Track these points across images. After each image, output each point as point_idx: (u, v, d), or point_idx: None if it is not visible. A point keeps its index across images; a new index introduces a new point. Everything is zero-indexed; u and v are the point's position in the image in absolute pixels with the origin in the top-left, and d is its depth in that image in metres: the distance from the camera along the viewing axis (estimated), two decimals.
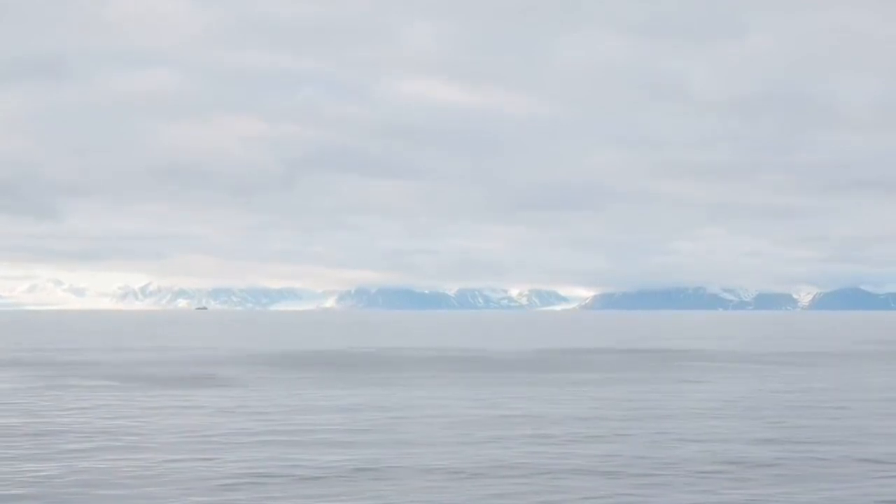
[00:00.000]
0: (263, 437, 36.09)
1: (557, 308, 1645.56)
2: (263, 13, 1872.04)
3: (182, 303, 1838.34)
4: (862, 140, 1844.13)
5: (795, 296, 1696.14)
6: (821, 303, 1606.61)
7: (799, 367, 78.71)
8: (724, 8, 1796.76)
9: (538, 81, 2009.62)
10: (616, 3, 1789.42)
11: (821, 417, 43.40)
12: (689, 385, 60.94)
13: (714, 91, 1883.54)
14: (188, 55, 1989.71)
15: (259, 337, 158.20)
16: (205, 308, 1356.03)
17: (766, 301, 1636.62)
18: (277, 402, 48.89)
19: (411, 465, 30.05)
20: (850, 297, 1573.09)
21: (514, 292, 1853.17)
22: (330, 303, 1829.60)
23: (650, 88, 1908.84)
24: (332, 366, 78.97)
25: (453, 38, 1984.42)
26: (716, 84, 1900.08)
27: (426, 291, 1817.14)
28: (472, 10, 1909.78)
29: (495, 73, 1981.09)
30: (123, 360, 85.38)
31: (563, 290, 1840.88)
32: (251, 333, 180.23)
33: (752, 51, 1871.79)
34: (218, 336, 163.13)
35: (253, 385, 59.15)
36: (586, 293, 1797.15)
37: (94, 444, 34.19)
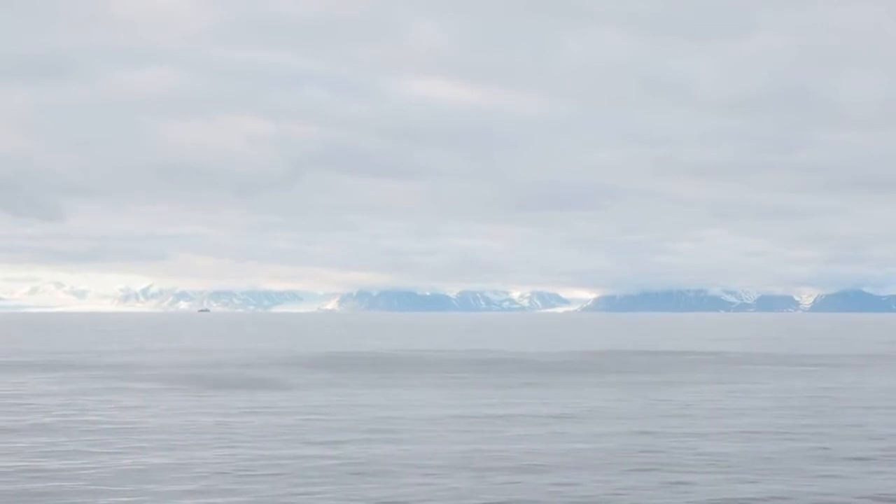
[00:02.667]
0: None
1: (559, 310, 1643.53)
2: (268, 11, 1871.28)
3: (183, 305, 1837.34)
4: (866, 139, 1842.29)
5: (797, 297, 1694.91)
6: (822, 304, 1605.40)
7: (851, 369, 79.03)
8: (733, 5, 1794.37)
9: (543, 80, 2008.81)
10: (622, 2, 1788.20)
11: None
12: (761, 386, 61.29)
13: (718, 90, 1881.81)
14: (192, 53, 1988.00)
15: (280, 339, 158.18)
16: (207, 310, 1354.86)
17: (767, 303, 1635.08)
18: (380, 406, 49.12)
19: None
20: (852, 299, 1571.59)
21: (515, 294, 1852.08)
22: (331, 305, 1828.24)
23: (655, 87, 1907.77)
24: (386, 367, 79.18)
25: (458, 36, 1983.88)
26: (720, 82, 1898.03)
27: (427, 293, 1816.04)
28: (476, 9, 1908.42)
29: (500, 72, 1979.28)
30: (164, 362, 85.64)
31: (564, 292, 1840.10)
32: (269, 335, 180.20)
33: (757, 49, 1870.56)
34: (237, 338, 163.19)
35: (313, 388, 59.38)
36: (588, 295, 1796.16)
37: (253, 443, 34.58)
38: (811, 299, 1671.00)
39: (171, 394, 54.82)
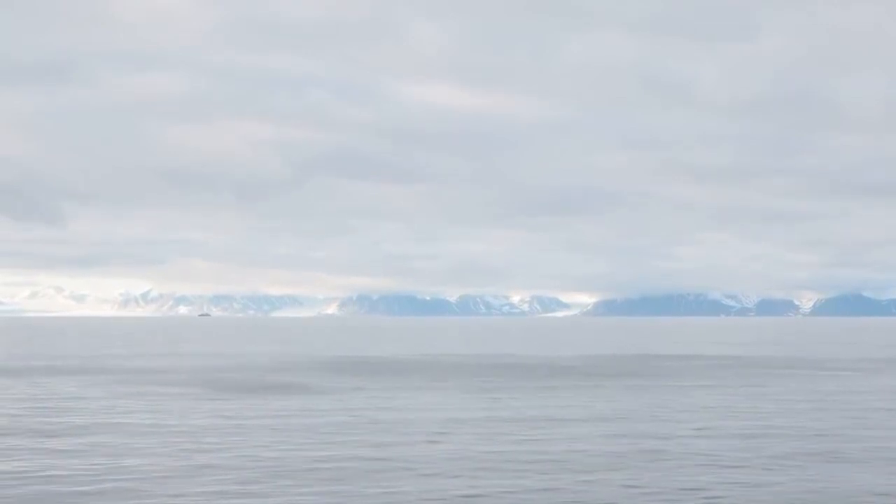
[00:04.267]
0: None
1: (559, 314, 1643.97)
2: (270, 16, 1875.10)
3: (183, 309, 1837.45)
4: (868, 142, 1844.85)
5: (797, 302, 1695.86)
6: (822, 308, 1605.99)
7: (873, 373, 79.04)
8: (735, 8, 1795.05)
9: (544, 82, 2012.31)
10: (626, 5, 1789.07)
11: None
12: (800, 388, 61.27)
13: (720, 92, 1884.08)
14: (193, 56, 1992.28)
15: (291, 343, 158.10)
16: (207, 315, 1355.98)
17: (767, 307, 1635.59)
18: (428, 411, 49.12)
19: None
20: (852, 303, 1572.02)
21: (515, 298, 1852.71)
22: (331, 309, 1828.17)
23: (656, 89, 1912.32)
24: (415, 372, 79.04)
25: (459, 39, 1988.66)
26: (722, 85, 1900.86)
27: (427, 298, 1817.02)
28: (477, 12, 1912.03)
29: (502, 76, 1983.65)
30: (187, 367, 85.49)
31: (564, 297, 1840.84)
32: (279, 340, 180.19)
33: (759, 52, 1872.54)
34: (248, 342, 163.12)
35: (351, 392, 59.32)
36: (588, 299, 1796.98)
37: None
38: (811, 303, 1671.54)
39: (214, 398, 54.67)
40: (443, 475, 29.97)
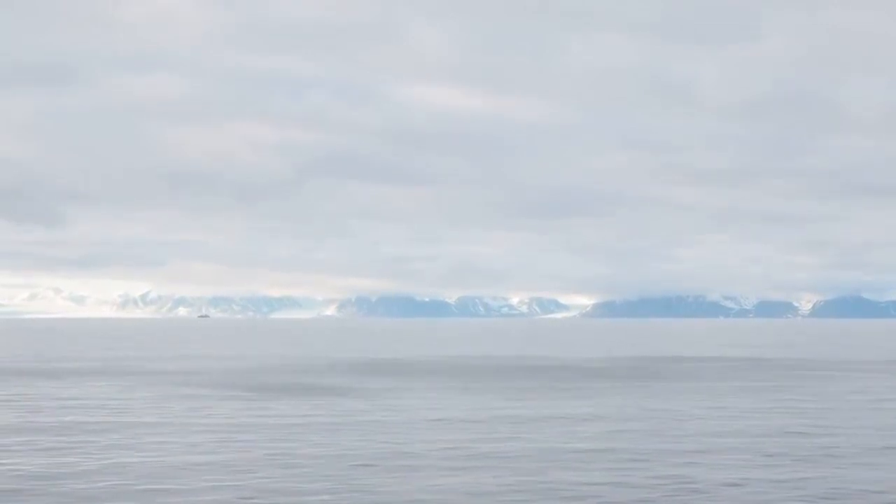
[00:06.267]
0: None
1: (558, 316, 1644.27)
2: (271, 17, 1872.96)
3: (182, 311, 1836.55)
4: (871, 144, 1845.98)
5: (796, 303, 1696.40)
6: (822, 310, 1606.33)
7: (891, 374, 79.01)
8: (738, 10, 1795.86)
9: (546, 84, 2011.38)
10: (627, 6, 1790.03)
11: None
12: (835, 389, 61.16)
13: (723, 94, 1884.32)
14: (195, 58, 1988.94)
15: (305, 345, 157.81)
16: (207, 316, 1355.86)
17: (766, 309, 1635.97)
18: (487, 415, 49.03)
19: None
20: (852, 305, 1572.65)
21: (514, 300, 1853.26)
22: (330, 311, 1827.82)
23: (659, 91, 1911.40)
24: (449, 373, 79.22)
25: (461, 41, 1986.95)
26: (725, 87, 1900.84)
27: (426, 299, 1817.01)
28: (480, 14, 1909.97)
29: (504, 78, 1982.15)
30: (211, 369, 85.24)
31: (563, 298, 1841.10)
32: (291, 342, 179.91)
33: (762, 54, 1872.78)
34: (260, 344, 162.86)
35: (401, 392, 59.13)
36: (587, 301, 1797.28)
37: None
38: (810, 305, 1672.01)
39: (272, 399, 54.61)
40: (560, 466, 31.18)
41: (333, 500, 26.77)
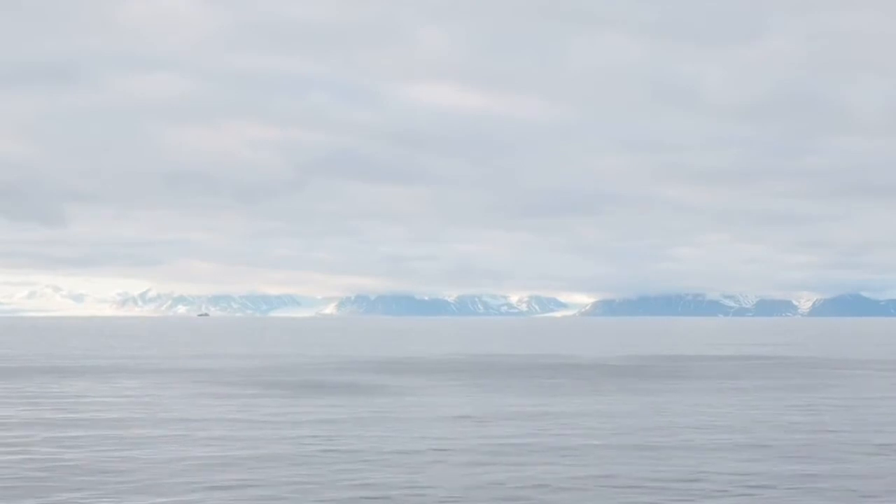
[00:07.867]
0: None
1: (557, 314, 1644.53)
2: (272, 17, 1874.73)
3: (181, 309, 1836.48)
4: (873, 145, 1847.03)
5: (795, 302, 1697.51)
6: (821, 309, 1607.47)
7: None
8: (741, 11, 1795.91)
9: (548, 86, 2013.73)
10: (628, 7, 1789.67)
11: None
12: (870, 385, 61.36)
13: (725, 95, 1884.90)
14: (196, 59, 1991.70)
15: (317, 344, 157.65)
16: (206, 314, 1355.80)
17: (766, 307, 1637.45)
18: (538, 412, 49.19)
19: None
20: (851, 304, 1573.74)
21: (513, 299, 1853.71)
22: (329, 309, 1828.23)
23: (662, 92, 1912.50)
24: (470, 372, 79.04)
25: (463, 42, 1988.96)
26: (728, 88, 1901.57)
27: (426, 298, 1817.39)
28: (482, 15, 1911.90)
29: (506, 78, 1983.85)
30: (237, 368, 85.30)
31: (562, 297, 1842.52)
32: (303, 341, 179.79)
33: (765, 55, 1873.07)
34: (273, 342, 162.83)
35: (437, 389, 59.23)
36: (586, 300, 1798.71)
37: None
38: (810, 304, 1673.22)
39: (305, 396, 54.80)
40: (612, 460, 31.07)
41: (406, 494, 26.89)
